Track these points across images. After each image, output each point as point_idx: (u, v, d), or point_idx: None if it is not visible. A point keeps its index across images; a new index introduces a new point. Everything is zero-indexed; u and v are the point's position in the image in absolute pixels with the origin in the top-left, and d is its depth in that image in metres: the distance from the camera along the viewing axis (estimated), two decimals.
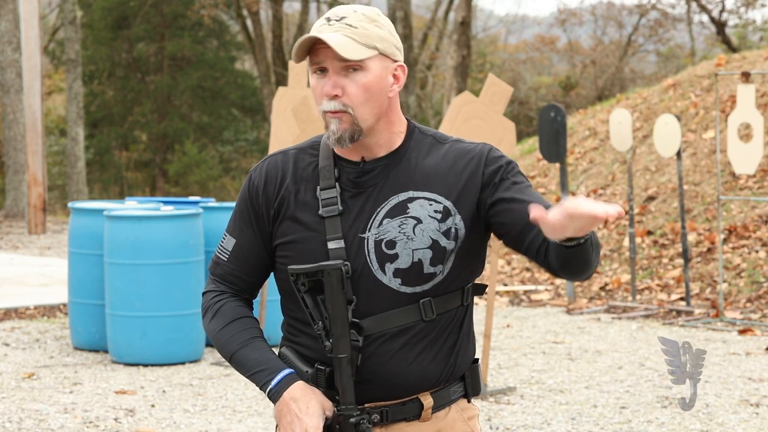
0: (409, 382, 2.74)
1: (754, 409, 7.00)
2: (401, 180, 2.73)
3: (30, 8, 16.88)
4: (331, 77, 2.69)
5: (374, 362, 2.71)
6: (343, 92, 2.69)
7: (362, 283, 2.71)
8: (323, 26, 2.69)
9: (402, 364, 2.72)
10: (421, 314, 2.73)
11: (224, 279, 2.84)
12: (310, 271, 2.70)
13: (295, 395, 2.70)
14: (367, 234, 2.72)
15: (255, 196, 2.80)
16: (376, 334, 2.71)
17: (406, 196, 2.73)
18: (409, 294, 2.72)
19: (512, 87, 7.62)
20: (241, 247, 2.81)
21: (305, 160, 2.80)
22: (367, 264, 2.71)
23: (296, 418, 2.68)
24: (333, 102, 2.69)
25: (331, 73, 2.69)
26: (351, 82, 2.68)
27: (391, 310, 2.71)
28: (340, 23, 2.68)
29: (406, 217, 2.72)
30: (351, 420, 2.70)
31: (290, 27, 34.18)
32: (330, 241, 2.71)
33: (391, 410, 2.75)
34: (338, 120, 2.69)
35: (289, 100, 8.48)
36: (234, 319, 2.80)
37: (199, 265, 8.39)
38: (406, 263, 2.71)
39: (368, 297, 2.71)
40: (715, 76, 10.21)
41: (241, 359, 2.77)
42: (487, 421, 6.77)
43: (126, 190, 32.25)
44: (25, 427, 6.64)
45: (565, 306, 10.93)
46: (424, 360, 2.74)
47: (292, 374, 2.73)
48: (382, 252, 2.71)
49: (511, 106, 28.90)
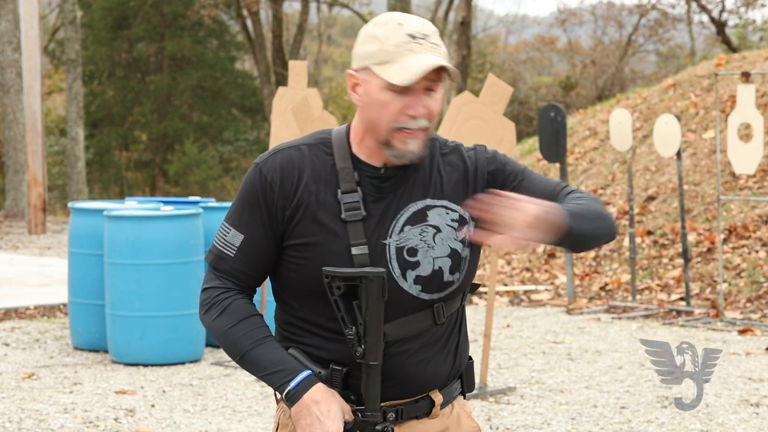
0: (425, 381, 2.78)
1: (754, 409, 7.00)
2: (418, 188, 2.75)
3: (30, 8, 16.88)
4: (420, 97, 2.68)
5: (393, 364, 2.73)
6: (428, 111, 2.70)
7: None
8: (413, 45, 2.67)
9: (419, 366, 2.75)
10: (434, 318, 2.76)
11: (230, 275, 2.78)
12: (349, 276, 2.67)
13: (317, 398, 2.68)
14: (389, 240, 2.72)
15: (269, 191, 2.74)
16: (395, 338, 2.72)
17: (424, 204, 2.75)
18: (427, 300, 2.75)
19: (512, 87, 7.62)
20: (251, 243, 2.75)
21: (320, 158, 2.76)
22: (389, 270, 2.71)
23: (317, 420, 2.66)
24: (420, 120, 2.69)
25: (418, 92, 2.68)
26: (433, 102, 2.70)
27: (408, 315, 2.73)
28: (427, 42, 2.68)
29: (426, 225, 2.74)
30: (377, 428, 2.69)
31: (290, 27, 34.18)
32: (354, 246, 2.70)
33: (406, 408, 2.77)
34: (417, 139, 2.70)
35: (289, 100, 8.48)
36: (244, 318, 2.75)
37: (199, 265, 8.38)
38: (427, 271, 2.73)
39: (389, 305, 2.70)
40: (715, 76, 10.21)
41: (254, 359, 2.73)
42: (487, 421, 6.77)
43: (126, 190, 32.27)
44: (25, 427, 6.64)
45: (565, 306, 10.93)
46: (438, 360, 2.78)
47: (311, 376, 2.70)
48: (404, 259, 2.72)
49: (511, 106, 28.90)
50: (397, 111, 2.67)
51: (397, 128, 2.68)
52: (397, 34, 2.67)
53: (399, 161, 2.71)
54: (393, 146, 2.69)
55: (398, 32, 2.67)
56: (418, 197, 2.75)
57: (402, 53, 2.65)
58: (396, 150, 2.69)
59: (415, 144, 2.69)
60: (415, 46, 2.66)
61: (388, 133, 2.69)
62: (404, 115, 2.68)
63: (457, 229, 2.75)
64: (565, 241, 2.66)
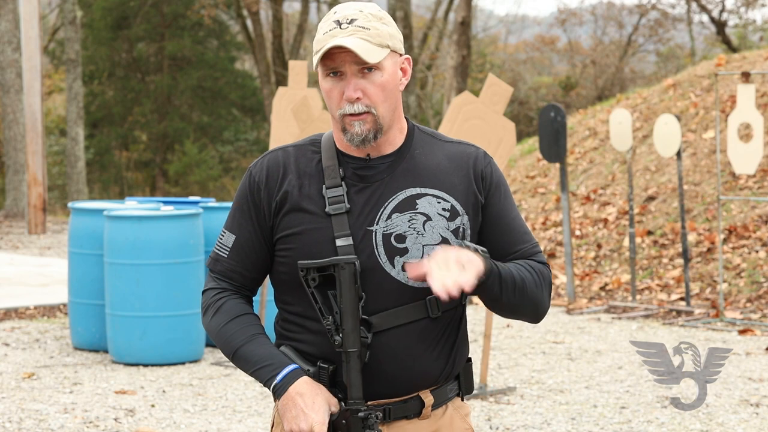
0: (413, 378, 2.76)
1: (754, 409, 7.00)
2: (407, 176, 2.77)
3: (30, 8, 16.88)
4: (350, 81, 2.72)
5: (381, 358, 2.73)
6: (363, 94, 2.72)
7: (371, 279, 2.72)
8: (335, 30, 2.71)
9: (408, 361, 2.74)
10: (427, 311, 2.75)
11: (224, 275, 2.85)
12: (321, 266, 2.71)
13: (301, 390, 2.70)
14: (375, 227, 2.74)
15: (256, 190, 2.81)
16: (384, 330, 2.73)
17: (414, 192, 2.76)
18: (417, 289, 2.74)
19: (512, 87, 7.62)
20: (241, 242, 2.82)
21: (307, 156, 2.82)
22: (375, 256, 2.72)
23: (302, 412, 2.69)
24: (356, 105, 2.72)
25: (349, 76, 2.72)
26: (369, 83, 2.72)
27: (399, 306, 2.73)
28: (352, 26, 2.71)
29: (416, 213, 2.75)
30: (359, 414, 2.70)
31: (290, 27, 34.18)
32: (338, 238, 2.72)
33: (394, 408, 2.76)
34: (362, 122, 2.72)
35: (289, 100, 8.48)
36: (236, 316, 2.81)
37: (199, 265, 8.39)
38: (417, 258, 2.73)
39: (377, 293, 2.72)
40: (715, 76, 10.21)
41: (244, 355, 2.77)
42: (487, 421, 6.77)
43: (126, 190, 32.26)
44: (25, 427, 6.64)
45: (565, 306, 10.93)
46: (428, 357, 2.77)
47: (297, 369, 2.73)
48: (391, 245, 2.73)
49: (511, 106, 28.90)
50: (338, 97, 2.73)
51: (342, 114, 2.73)
52: (327, 23, 2.74)
53: (354, 146, 2.75)
54: (346, 131, 2.74)
55: (328, 21, 2.74)
56: (407, 185, 2.77)
57: (325, 40, 2.71)
58: (348, 134, 2.74)
59: (359, 126, 2.72)
60: (337, 31, 2.71)
61: (340, 121, 2.74)
62: (342, 100, 2.73)
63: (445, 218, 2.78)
64: (483, 292, 2.70)
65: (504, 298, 2.73)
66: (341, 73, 2.72)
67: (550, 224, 13.52)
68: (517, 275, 2.74)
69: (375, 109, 2.72)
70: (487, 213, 2.81)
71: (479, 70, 32.17)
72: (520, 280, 2.74)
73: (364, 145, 2.73)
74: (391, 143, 2.79)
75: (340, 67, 2.72)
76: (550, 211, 13.90)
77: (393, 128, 2.79)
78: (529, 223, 13.78)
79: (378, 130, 2.74)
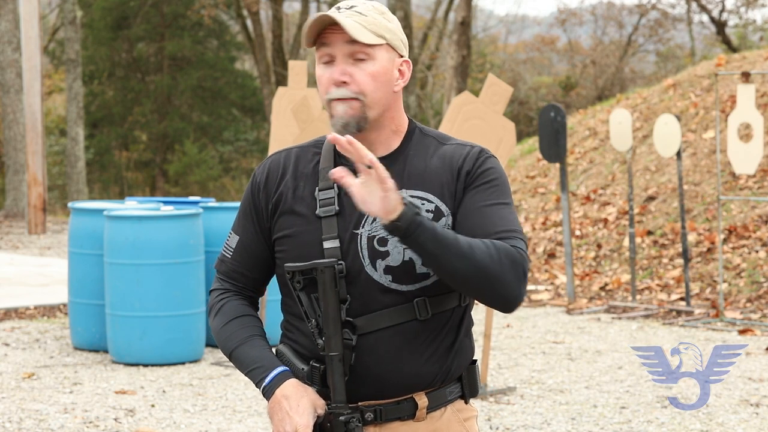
0: (402, 381, 2.73)
1: (754, 409, 7.00)
2: (396, 179, 2.69)
3: (30, 8, 16.88)
4: (338, 65, 2.70)
5: (368, 361, 2.71)
6: (351, 79, 2.69)
7: (356, 281, 2.71)
8: (333, 11, 2.70)
9: (395, 363, 2.72)
10: (415, 313, 2.72)
11: (228, 276, 2.87)
12: (304, 269, 2.71)
13: (287, 393, 2.71)
14: (361, 230, 2.72)
15: (257, 192, 2.82)
16: (370, 332, 2.71)
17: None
18: (402, 292, 2.71)
19: (512, 87, 7.62)
20: (244, 243, 2.84)
21: (307, 158, 2.81)
22: (359, 259, 2.71)
23: (287, 415, 2.69)
24: (342, 89, 2.69)
25: (339, 61, 2.70)
26: (359, 70, 2.69)
27: (384, 309, 2.71)
28: (350, 11, 2.70)
29: None
30: (341, 418, 2.70)
31: (290, 27, 34.18)
32: (326, 240, 2.72)
33: (385, 409, 2.75)
34: (347, 105, 2.69)
35: (289, 100, 8.48)
36: (235, 317, 2.83)
37: (199, 265, 8.38)
38: (397, 261, 2.71)
39: (362, 295, 2.71)
40: (715, 76, 10.21)
41: (239, 356, 2.80)
42: (487, 421, 6.77)
43: (126, 190, 32.25)
44: (25, 427, 6.64)
45: (565, 306, 10.93)
46: (418, 360, 2.73)
47: (285, 372, 2.74)
48: (374, 248, 2.71)
49: (511, 106, 28.90)
50: (326, 81, 2.71)
51: (329, 99, 2.71)
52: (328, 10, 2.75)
53: (335, 131, 2.70)
54: (331, 117, 2.72)
55: (332, 8, 2.73)
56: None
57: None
58: (332, 120, 2.72)
59: (342, 108, 2.69)
60: (334, 12, 2.70)
61: (327, 106, 2.73)
62: (330, 83, 2.71)
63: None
64: (411, 243, 2.58)
65: (443, 259, 2.58)
66: (333, 58, 2.70)
67: (550, 224, 13.52)
68: (463, 240, 2.59)
69: (362, 96, 2.69)
70: (464, 200, 2.71)
71: (479, 70, 32.16)
72: (466, 246, 2.58)
73: (345, 130, 2.68)
74: (384, 144, 2.76)
75: (332, 50, 2.69)
76: (550, 211, 13.91)
77: (385, 129, 2.75)
78: (529, 223, 13.78)
79: (362, 120, 2.70)
